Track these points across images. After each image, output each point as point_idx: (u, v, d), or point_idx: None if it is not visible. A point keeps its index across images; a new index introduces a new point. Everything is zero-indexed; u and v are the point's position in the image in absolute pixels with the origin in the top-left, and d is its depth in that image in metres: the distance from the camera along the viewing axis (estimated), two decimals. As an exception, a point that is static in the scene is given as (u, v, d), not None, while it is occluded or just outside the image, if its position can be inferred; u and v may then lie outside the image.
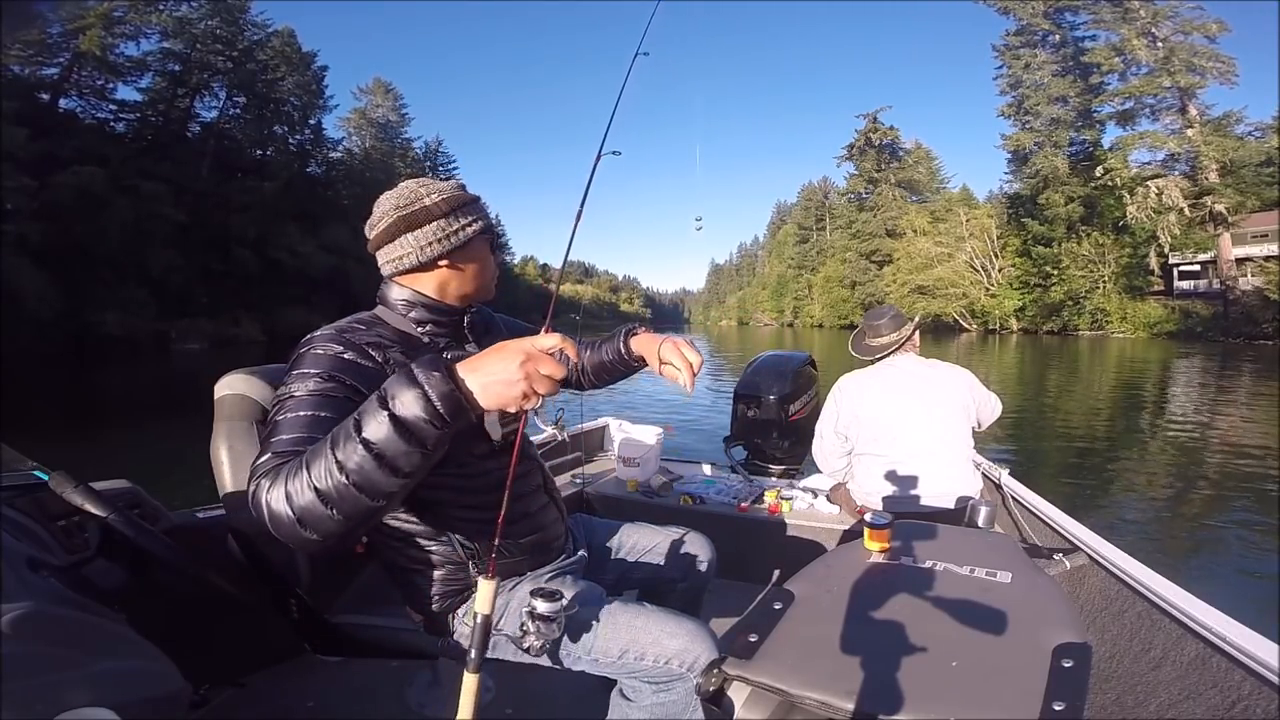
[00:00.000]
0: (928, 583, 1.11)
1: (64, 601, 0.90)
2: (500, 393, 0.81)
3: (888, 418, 2.20)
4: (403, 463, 0.80)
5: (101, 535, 1.19)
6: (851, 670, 0.88)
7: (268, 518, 0.83)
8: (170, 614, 1.17)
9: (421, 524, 1.23)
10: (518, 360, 0.81)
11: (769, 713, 0.93)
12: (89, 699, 0.71)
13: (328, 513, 0.81)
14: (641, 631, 1.18)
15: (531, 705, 1.64)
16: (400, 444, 0.79)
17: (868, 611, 1.03)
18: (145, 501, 1.39)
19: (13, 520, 1.05)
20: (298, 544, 0.84)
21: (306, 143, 40.26)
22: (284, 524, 0.82)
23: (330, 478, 0.80)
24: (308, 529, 0.82)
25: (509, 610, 1.26)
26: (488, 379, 0.81)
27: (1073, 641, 0.91)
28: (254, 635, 1.49)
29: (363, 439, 0.79)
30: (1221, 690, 1.19)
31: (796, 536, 2.44)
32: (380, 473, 0.80)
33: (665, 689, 1.15)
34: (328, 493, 0.80)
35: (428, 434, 0.80)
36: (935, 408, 2.18)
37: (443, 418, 0.80)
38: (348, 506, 0.81)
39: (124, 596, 1.12)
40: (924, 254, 47.57)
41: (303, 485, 0.81)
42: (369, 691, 1.69)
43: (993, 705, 0.81)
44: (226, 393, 1.39)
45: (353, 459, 0.80)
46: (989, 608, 1.01)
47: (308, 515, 0.81)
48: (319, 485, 0.80)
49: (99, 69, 28.34)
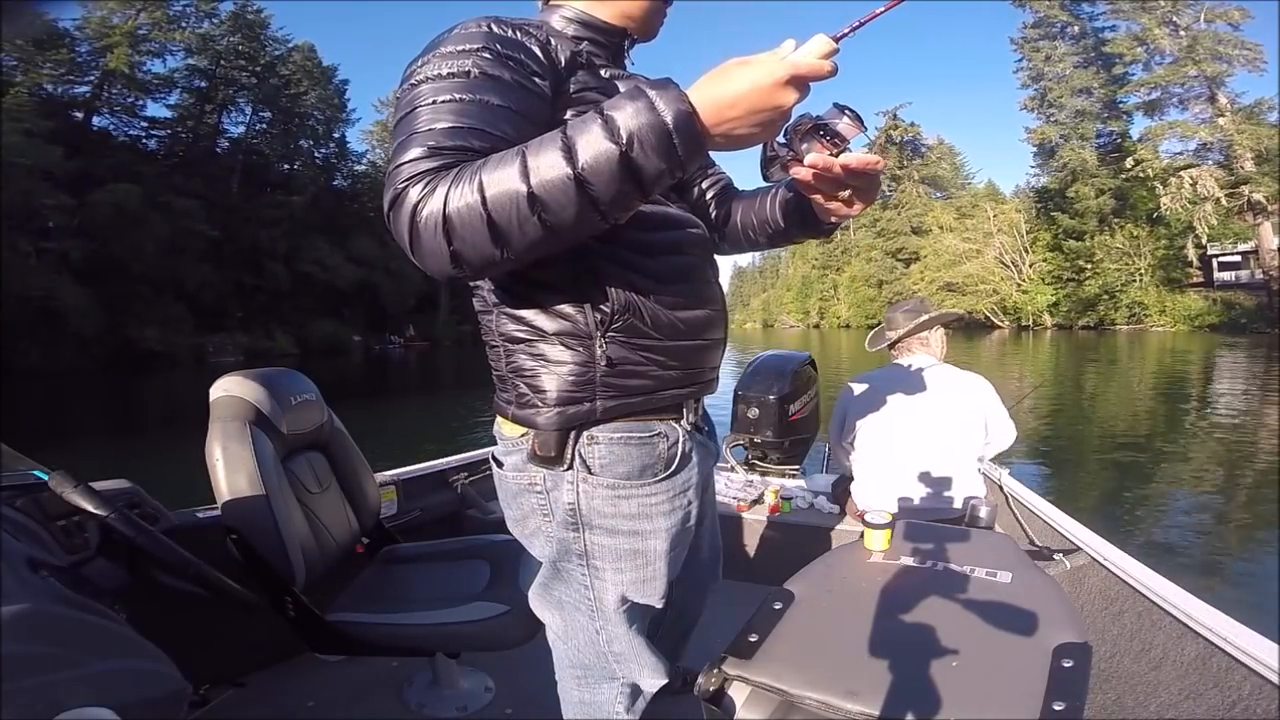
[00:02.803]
0: (928, 583, 1.10)
1: (64, 601, 0.90)
2: (749, 124, 0.67)
3: (891, 419, 2.16)
4: (603, 191, 0.66)
5: (101, 535, 1.21)
6: (851, 670, 0.88)
7: (408, 229, 0.68)
8: (170, 614, 1.19)
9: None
10: (774, 80, 0.65)
11: (769, 713, 0.92)
12: (89, 699, 0.70)
13: (485, 231, 0.67)
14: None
15: (531, 705, 1.64)
16: (611, 165, 0.65)
17: (868, 611, 1.02)
18: (145, 501, 1.42)
19: (13, 520, 1.06)
20: (435, 266, 0.70)
21: (331, 156, 41.10)
22: (426, 235, 0.68)
23: (507, 183, 0.65)
24: (454, 241, 0.67)
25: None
26: (734, 107, 0.66)
27: (1073, 641, 0.89)
28: (254, 635, 1.51)
29: (565, 144, 0.65)
30: (1222, 690, 1.18)
31: (796, 536, 2.43)
32: (573, 195, 0.65)
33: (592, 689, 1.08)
34: (497, 201, 0.66)
35: (646, 162, 0.65)
36: (942, 411, 2.12)
37: (671, 142, 0.65)
38: (513, 227, 0.67)
39: (124, 596, 1.14)
40: (951, 251, 46.99)
41: (472, 187, 0.66)
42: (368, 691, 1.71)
43: (993, 705, 0.80)
44: (221, 394, 1.42)
45: (544, 168, 0.65)
46: (989, 608, 1.00)
47: (460, 223, 0.66)
48: (488, 191, 0.65)
49: (128, 86, 29.35)
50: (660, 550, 0.97)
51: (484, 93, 0.75)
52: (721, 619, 1.65)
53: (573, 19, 0.96)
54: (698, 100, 0.66)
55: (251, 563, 1.39)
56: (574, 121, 0.68)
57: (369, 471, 1.84)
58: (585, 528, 0.95)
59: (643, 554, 0.97)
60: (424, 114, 0.74)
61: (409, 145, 0.71)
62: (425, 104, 0.74)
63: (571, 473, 0.93)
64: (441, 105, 0.74)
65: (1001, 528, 1.98)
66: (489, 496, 2.24)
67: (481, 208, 0.66)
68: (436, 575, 1.68)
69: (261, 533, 1.37)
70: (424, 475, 2.36)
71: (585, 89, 0.87)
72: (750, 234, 1.16)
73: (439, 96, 0.74)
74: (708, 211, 1.16)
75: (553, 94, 0.83)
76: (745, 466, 3.14)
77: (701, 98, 0.67)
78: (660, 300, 0.91)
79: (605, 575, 0.97)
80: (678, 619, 1.34)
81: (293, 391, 1.62)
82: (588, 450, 0.92)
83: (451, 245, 0.68)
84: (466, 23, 0.82)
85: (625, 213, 0.72)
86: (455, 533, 2.15)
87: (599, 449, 0.92)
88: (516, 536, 1.05)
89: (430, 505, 2.32)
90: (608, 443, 0.92)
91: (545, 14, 0.98)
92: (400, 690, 1.72)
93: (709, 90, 0.67)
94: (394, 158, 0.73)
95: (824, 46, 0.67)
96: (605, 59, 0.97)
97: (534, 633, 1.27)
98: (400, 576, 1.71)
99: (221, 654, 1.37)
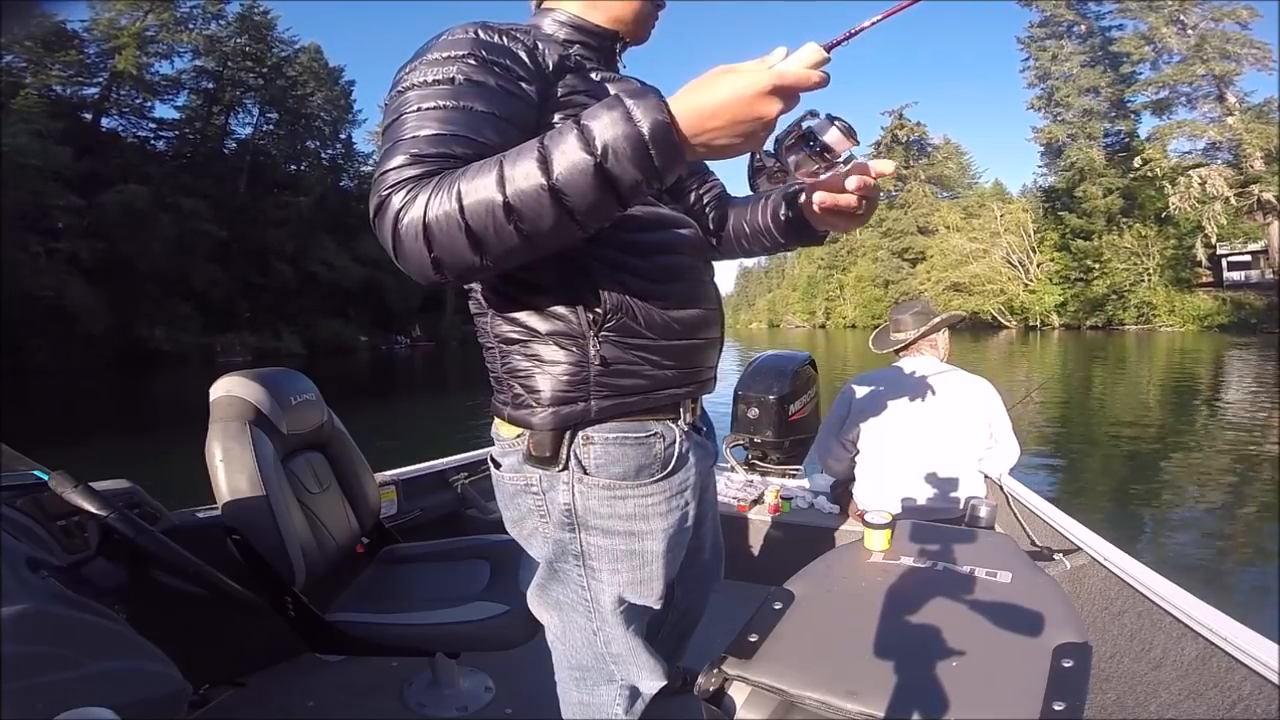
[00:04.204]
0: (928, 583, 1.10)
1: (64, 601, 0.91)
2: (730, 135, 0.66)
3: (893, 420, 2.14)
4: (578, 201, 0.66)
5: (101, 535, 1.21)
6: (851, 670, 0.88)
7: (391, 236, 0.69)
8: (170, 614, 1.19)
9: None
10: (756, 89, 0.64)
11: (769, 713, 0.92)
12: (89, 699, 0.70)
13: (463, 239, 0.67)
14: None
15: (531, 705, 1.64)
16: (585, 177, 0.65)
17: (868, 611, 1.02)
18: (145, 501, 1.43)
19: (13, 520, 1.07)
20: (417, 272, 0.71)
21: (338, 156, 41.46)
22: (407, 242, 0.68)
23: (483, 192, 0.66)
24: (434, 248, 0.68)
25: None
26: (716, 117, 0.65)
27: (1073, 641, 0.89)
28: (254, 635, 1.51)
29: (541, 155, 0.65)
30: (1222, 690, 1.18)
31: (796, 536, 2.42)
32: (548, 205, 0.66)
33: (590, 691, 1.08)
34: (474, 210, 0.66)
35: (623, 173, 0.65)
36: (945, 412, 2.11)
37: (648, 153, 0.64)
38: (490, 235, 0.67)
39: (124, 596, 1.14)
40: (958, 250, 46.76)
41: (450, 196, 0.66)
42: (369, 691, 1.71)
43: (993, 705, 0.80)
44: (221, 394, 1.43)
45: (519, 178, 0.65)
46: (989, 608, 1.00)
47: (439, 230, 0.67)
48: (466, 200, 0.66)
49: (136, 87, 29.68)
50: (657, 551, 0.97)
51: (468, 99, 0.76)
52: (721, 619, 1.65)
53: (564, 22, 0.96)
54: (678, 109, 0.66)
55: (251, 563, 1.40)
56: (552, 132, 0.68)
57: (369, 471, 1.85)
58: (581, 528, 0.95)
59: (639, 555, 0.96)
60: (409, 120, 0.74)
61: (393, 153, 0.72)
62: (410, 111, 0.75)
63: (567, 473, 0.93)
64: (426, 112, 0.74)
65: (1001, 528, 1.97)
66: (489, 496, 2.23)
67: (459, 216, 0.67)
68: (436, 575, 1.68)
69: (261, 533, 1.38)
70: (424, 475, 2.36)
71: (574, 92, 0.87)
72: (744, 243, 1.16)
73: (423, 103, 0.75)
74: (704, 218, 1.15)
75: (540, 98, 0.83)
76: (745, 466, 3.14)
77: (682, 107, 0.66)
78: (653, 300, 0.91)
79: (602, 576, 0.97)
80: (679, 620, 1.34)
81: (293, 391, 1.62)
82: (583, 451, 0.92)
83: (432, 252, 0.69)
84: (454, 29, 0.82)
85: (604, 222, 0.72)
86: (455, 533, 2.15)
87: (594, 449, 0.92)
88: (515, 537, 1.05)
89: (430, 505, 2.33)
90: (603, 443, 0.92)
91: (537, 17, 0.98)
92: (400, 690, 1.72)
93: (690, 99, 0.66)
94: (379, 165, 0.74)
95: (814, 55, 0.65)
96: (597, 62, 0.97)
97: (534, 633, 1.27)
98: (400, 576, 1.71)
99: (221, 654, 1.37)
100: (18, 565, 0.91)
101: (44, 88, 25.24)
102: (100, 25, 27.51)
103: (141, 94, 30.12)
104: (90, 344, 22.40)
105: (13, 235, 19.96)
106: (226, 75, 33.41)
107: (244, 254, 30.72)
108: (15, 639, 0.72)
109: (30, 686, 0.69)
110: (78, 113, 27.38)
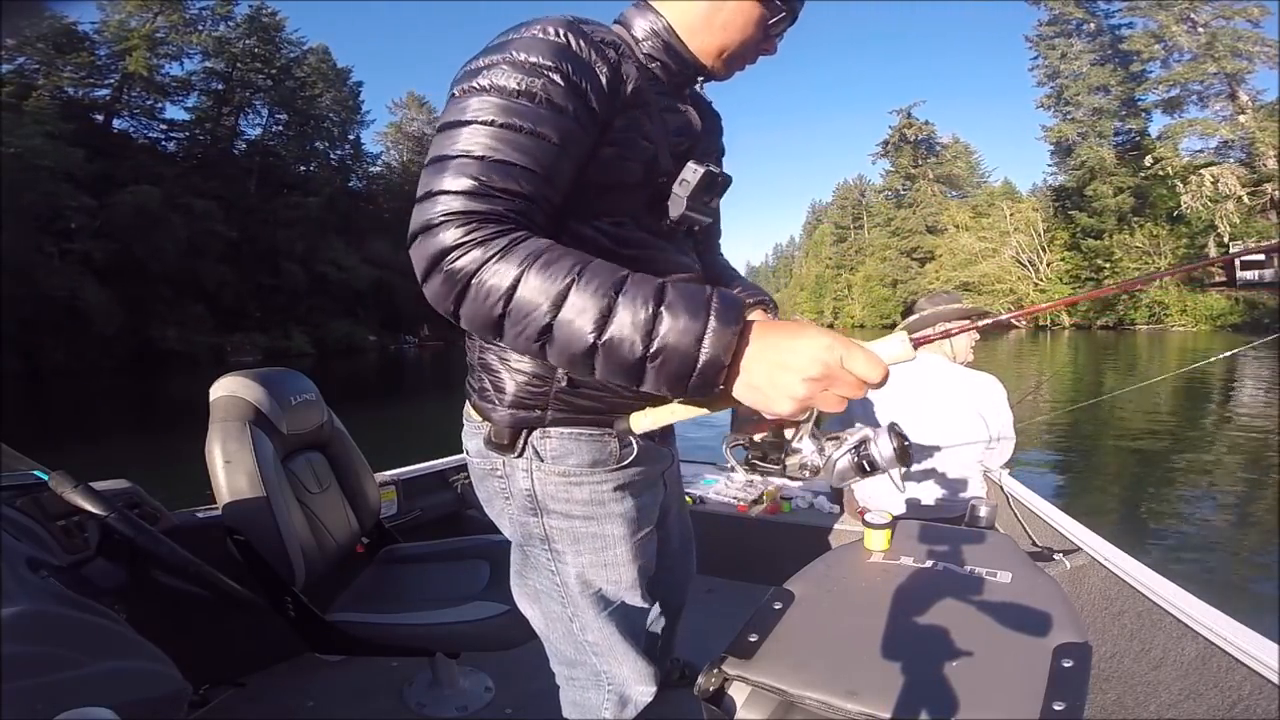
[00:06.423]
0: (928, 583, 1.10)
1: (64, 601, 0.91)
2: (775, 390, 0.63)
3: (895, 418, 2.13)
4: (603, 365, 0.65)
5: (101, 535, 1.22)
6: (851, 670, 0.88)
7: (429, 268, 0.67)
8: (170, 614, 1.20)
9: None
10: (822, 364, 0.62)
11: (769, 713, 0.92)
12: (89, 699, 0.71)
13: (494, 317, 0.66)
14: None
15: (531, 705, 1.64)
16: (626, 358, 0.63)
17: (868, 611, 1.02)
18: (145, 501, 1.44)
19: (13, 520, 1.08)
20: (433, 303, 0.70)
21: (347, 158, 41.58)
22: (442, 282, 0.67)
23: (538, 296, 0.64)
24: (463, 304, 0.67)
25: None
26: (774, 366, 0.63)
27: (1073, 641, 0.89)
28: (254, 635, 1.52)
29: (607, 306, 0.63)
30: (1222, 690, 1.17)
31: (796, 536, 2.41)
32: (580, 351, 0.64)
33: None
34: (519, 305, 0.65)
35: (655, 375, 0.64)
36: (947, 411, 2.10)
37: (688, 375, 0.63)
38: (515, 331, 0.66)
39: (124, 596, 1.15)
40: (967, 250, 46.51)
41: (506, 277, 0.65)
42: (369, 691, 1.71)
43: (993, 705, 0.80)
44: (221, 394, 1.43)
45: (573, 311, 0.63)
46: (989, 608, 1.00)
47: (478, 297, 0.66)
48: (519, 290, 0.64)
49: (147, 89, 29.92)
50: (617, 535, 0.99)
51: (546, 125, 0.73)
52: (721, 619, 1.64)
53: (658, 33, 0.92)
54: (755, 334, 0.64)
55: (251, 563, 1.40)
56: (634, 289, 0.65)
57: (369, 471, 1.85)
58: (543, 512, 0.98)
59: (600, 537, 0.99)
60: (480, 133, 0.71)
61: (458, 170, 0.70)
62: (484, 120, 0.72)
63: (525, 460, 0.95)
64: (501, 131, 0.71)
65: (1002, 528, 1.97)
66: (490, 496, 2.23)
67: (503, 300, 0.66)
68: (436, 575, 1.69)
69: (261, 533, 1.38)
70: (424, 475, 2.37)
71: (632, 127, 0.85)
72: None
73: (499, 117, 0.72)
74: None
75: (603, 126, 0.81)
76: (745, 466, 3.13)
77: (759, 333, 0.64)
78: None
79: (566, 558, 0.99)
80: (660, 612, 1.36)
81: (293, 391, 1.63)
82: (540, 444, 0.94)
83: (458, 306, 0.68)
84: (545, 23, 0.78)
85: (616, 380, 0.69)
86: (455, 533, 2.15)
87: (551, 443, 0.94)
88: (490, 517, 1.08)
89: (430, 505, 2.33)
90: (559, 438, 0.94)
91: (633, 13, 0.94)
92: (400, 690, 1.73)
93: (772, 336, 0.64)
94: (437, 173, 0.70)
95: (878, 370, 0.66)
96: (668, 85, 0.94)
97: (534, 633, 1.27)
98: (400, 576, 1.71)
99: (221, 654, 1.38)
100: (18, 565, 0.92)
101: (56, 89, 25.50)
102: (111, 27, 27.81)
103: (152, 95, 30.36)
104: (104, 345, 22.60)
105: (27, 237, 20.15)
106: (236, 77, 33.61)
107: (254, 255, 30.89)
108: (15, 639, 0.73)
109: (30, 686, 0.69)
110: (89, 114, 27.63)
